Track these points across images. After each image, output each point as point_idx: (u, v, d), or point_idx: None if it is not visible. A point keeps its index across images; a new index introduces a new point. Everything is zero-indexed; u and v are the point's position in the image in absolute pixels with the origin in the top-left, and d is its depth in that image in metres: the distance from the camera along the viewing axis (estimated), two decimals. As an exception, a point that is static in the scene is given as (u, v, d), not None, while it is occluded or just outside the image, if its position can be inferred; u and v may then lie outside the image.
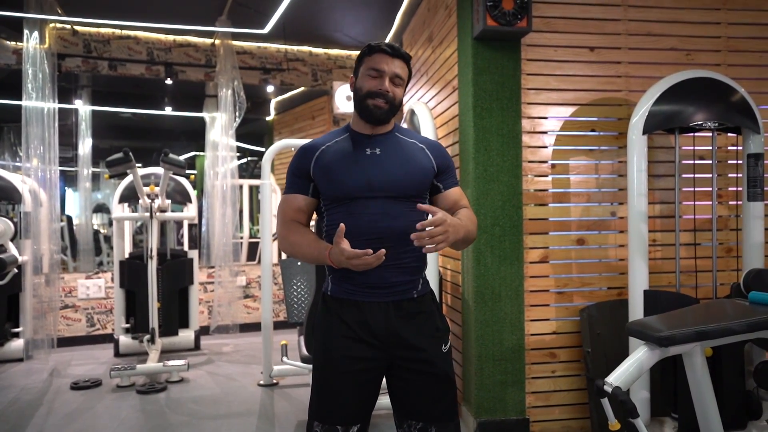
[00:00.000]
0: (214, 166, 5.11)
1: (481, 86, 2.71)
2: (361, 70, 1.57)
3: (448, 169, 1.64)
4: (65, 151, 5.19)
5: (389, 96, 1.52)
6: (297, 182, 1.59)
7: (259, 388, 3.58)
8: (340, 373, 1.51)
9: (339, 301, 1.55)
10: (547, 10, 2.79)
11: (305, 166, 1.57)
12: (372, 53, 1.55)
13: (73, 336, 4.79)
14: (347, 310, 1.53)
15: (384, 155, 1.55)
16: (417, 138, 1.65)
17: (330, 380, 1.53)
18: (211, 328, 5.04)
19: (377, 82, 1.52)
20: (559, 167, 2.82)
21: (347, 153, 1.56)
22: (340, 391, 1.51)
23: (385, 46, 1.54)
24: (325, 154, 1.57)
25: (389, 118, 1.57)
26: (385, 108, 1.53)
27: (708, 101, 2.48)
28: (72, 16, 4.69)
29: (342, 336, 1.52)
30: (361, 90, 1.55)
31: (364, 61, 1.57)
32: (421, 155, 1.59)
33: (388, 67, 1.52)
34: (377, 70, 1.53)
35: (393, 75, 1.53)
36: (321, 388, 1.55)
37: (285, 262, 3.49)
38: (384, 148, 1.56)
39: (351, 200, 1.51)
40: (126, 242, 4.73)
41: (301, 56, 5.53)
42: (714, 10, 2.90)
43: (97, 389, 3.55)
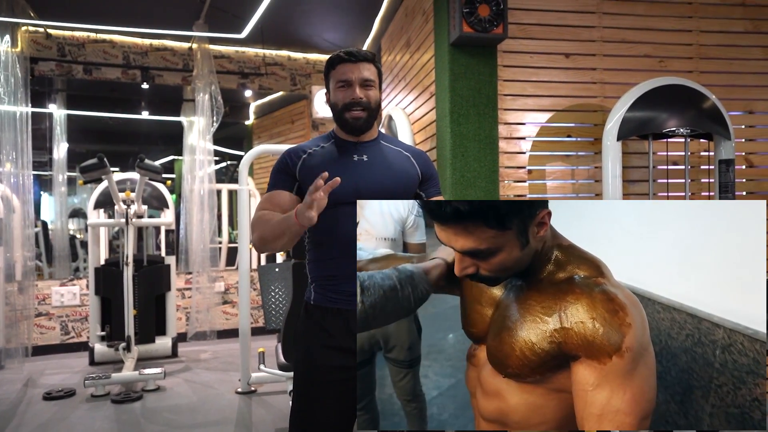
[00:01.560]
0: (192, 171, 5.06)
1: (458, 92, 2.72)
2: (331, 84, 1.57)
3: (431, 178, 1.64)
4: (40, 156, 5.09)
5: (364, 102, 1.52)
6: (282, 178, 1.56)
7: (236, 395, 3.54)
8: (322, 383, 1.50)
9: (322, 310, 1.53)
10: (522, 16, 2.82)
11: (292, 165, 1.55)
12: (335, 65, 1.54)
13: (47, 344, 4.69)
14: (330, 319, 1.51)
15: (371, 162, 1.55)
16: (402, 146, 1.65)
17: (311, 390, 1.51)
18: (188, 334, 4.97)
19: (348, 92, 1.52)
20: (536, 173, 2.84)
21: (334, 158, 1.55)
22: (321, 401, 1.50)
23: (344, 54, 1.53)
24: (312, 157, 1.56)
25: (370, 124, 1.56)
26: (364, 116, 1.53)
27: (680, 108, 2.52)
28: (45, 20, 4.60)
29: (324, 345, 1.51)
30: (336, 105, 1.55)
31: (331, 75, 1.56)
32: (406, 163, 1.60)
33: (353, 74, 1.51)
34: (344, 81, 1.52)
35: (361, 80, 1.52)
36: (303, 398, 1.53)
37: (263, 268, 3.46)
38: (371, 155, 1.56)
39: (336, 205, 1.50)
40: (102, 249, 4.65)
41: (279, 60, 5.50)
42: (686, 18, 2.95)
43: (70, 399, 3.48)
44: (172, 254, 4.81)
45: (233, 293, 5.27)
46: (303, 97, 5.72)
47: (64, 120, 5.27)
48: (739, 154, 2.98)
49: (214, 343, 4.95)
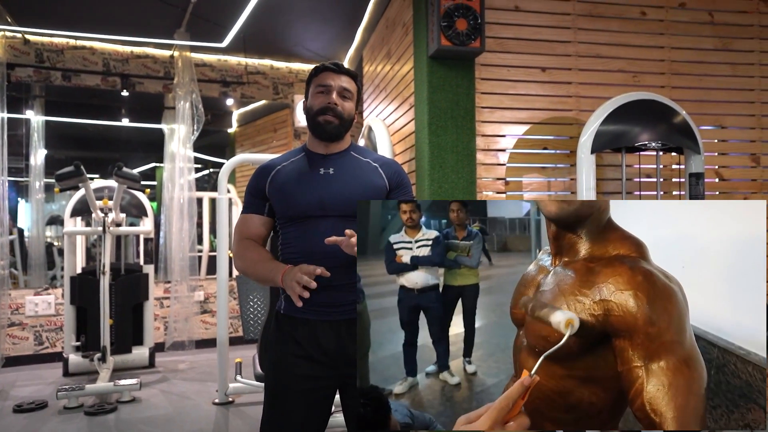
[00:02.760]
0: (172, 178, 5.02)
1: (436, 104, 2.75)
2: (310, 90, 1.61)
3: (399, 187, 1.64)
4: (17, 162, 5.01)
5: (338, 110, 1.54)
6: (254, 202, 1.62)
7: (213, 406, 3.50)
8: (292, 392, 1.50)
9: (291, 320, 1.54)
10: (500, 30, 2.86)
11: (261, 186, 1.60)
12: (318, 73, 1.60)
13: (20, 355, 4.60)
14: (299, 329, 1.53)
15: (337, 175, 1.56)
16: (372, 157, 1.66)
17: (281, 399, 1.52)
18: (166, 344, 4.91)
19: (325, 97, 1.56)
20: (513, 184, 2.88)
21: (301, 173, 1.57)
22: (291, 410, 1.50)
23: (330, 64, 1.59)
24: (279, 173, 1.59)
25: (341, 133, 1.58)
26: (336, 122, 1.55)
27: (652, 122, 2.57)
28: (24, 26, 4.56)
29: (293, 355, 1.52)
30: (312, 109, 1.58)
31: (312, 81, 1.61)
32: (373, 174, 1.60)
33: (334, 82, 1.56)
34: (324, 86, 1.56)
35: (340, 89, 1.56)
36: (272, 407, 1.54)
37: (242, 278, 3.44)
38: (337, 167, 1.58)
39: (304, 219, 1.53)
40: (78, 257, 4.58)
41: (261, 69, 5.51)
42: (658, 35, 3.02)
43: (42, 411, 3.41)
44: (150, 263, 4.76)
45: (212, 302, 5.22)
46: (285, 105, 5.72)
47: (42, 126, 5.21)
48: (711, 167, 3.06)
49: (193, 353, 4.90)
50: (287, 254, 1.56)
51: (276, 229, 1.63)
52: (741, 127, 3.12)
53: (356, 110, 1.63)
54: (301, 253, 1.49)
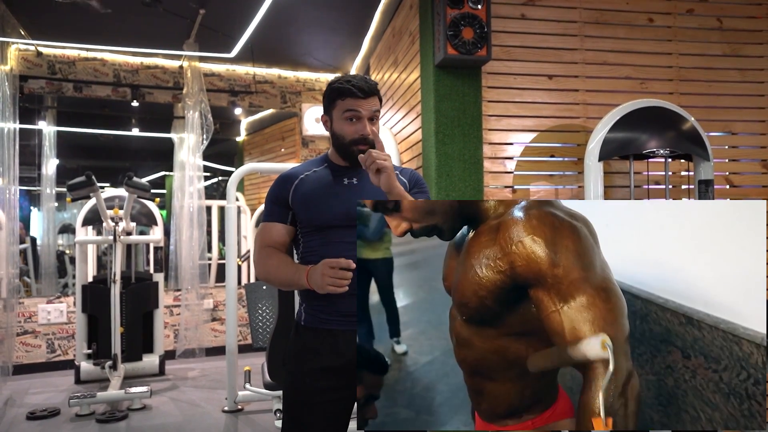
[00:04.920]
0: (182, 187, 5.06)
1: (443, 112, 2.76)
2: (335, 113, 1.55)
3: (417, 185, 1.65)
4: (30, 171, 5.08)
5: (370, 139, 1.51)
6: (276, 210, 1.60)
7: (223, 414, 3.51)
8: (311, 405, 1.50)
9: (312, 331, 1.54)
10: (506, 39, 2.87)
11: (284, 195, 1.58)
12: (343, 96, 1.51)
13: (32, 363, 4.64)
14: (321, 340, 1.52)
15: (361, 185, 1.57)
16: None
17: (301, 412, 1.52)
18: (176, 352, 4.94)
19: (358, 127, 1.51)
20: (520, 192, 2.87)
21: (326, 182, 1.57)
22: (311, 423, 1.50)
23: (355, 90, 1.50)
24: (303, 182, 1.58)
25: None
26: (366, 149, 1.54)
27: (660, 129, 2.57)
28: (36, 39, 4.63)
29: (313, 367, 1.51)
30: (343, 138, 1.54)
31: (337, 104, 1.53)
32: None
33: (363, 109, 1.51)
34: (353, 111, 1.51)
35: (371, 113, 1.52)
36: (292, 420, 1.54)
37: (250, 286, 3.46)
38: (361, 177, 1.57)
39: (329, 229, 1.52)
40: (89, 266, 4.63)
41: (269, 78, 5.55)
42: (666, 41, 3.01)
43: (54, 419, 3.44)
44: (160, 271, 4.80)
45: (222, 310, 5.25)
46: (293, 114, 5.76)
47: (54, 136, 5.27)
48: (721, 174, 3.04)
49: (203, 361, 4.92)
50: (309, 263, 1.56)
51: (297, 238, 1.62)
52: (751, 132, 3.10)
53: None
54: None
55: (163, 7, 3.91)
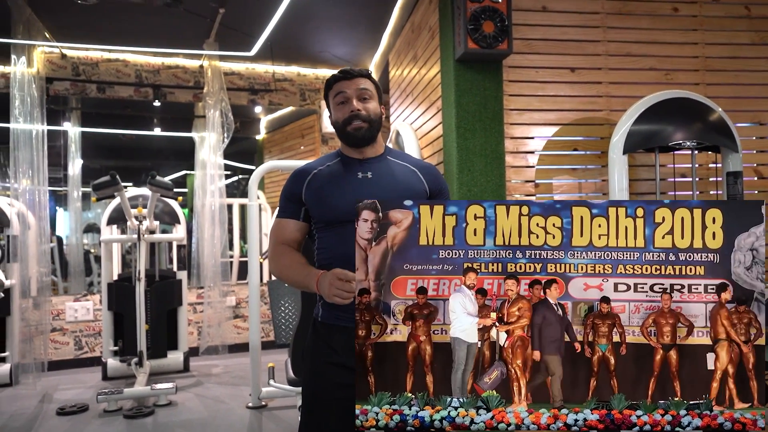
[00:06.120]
0: (203, 185, 5.11)
1: (464, 107, 2.74)
2: (331, 105, 1.60)
3: (440, 193, 1.62)
4: (55, 172, 5.18)
5: (362, 114, 1.52)
6: (289, 207, 1.60)
7: (247, 410, 3.55)
8: (328, 400, 1.51)
9: (329, 327, 1.55)
10: (527, 32, 2.84)
11: (297, 191, 1.58)
12: (332, 85, 1.58)
13: (61, 359, 4.74)
14: (337, 336, 1.53)
15: (375, 179, 1.55)
16: (410, 161, 1.65)
17: (318, 407, 1.53)
18: (200, 349, 5.00)
19: (346, 107, 1.54)
20: (543, 186, 2.85)
21: (339, 177, 1.56)
22: (327, 418, 1.51)
23: (339, 73, 1.57)
24: (316, 178, 1.57)
25: (373, 135, 1.56)
26: (365, 126, 1.53)
27: (686, 121, 2.52)
28: (61, 42, 4.71)
29: (330, 363, 1.52)
30: (338, 122, 1.56)
31: (329, 95, 1.59)
32: (413, 178, 1.59)
33: (349, 89, 1.54)
34: (342, 97, 1.55)
35: (357, 92, 1.54)
36: (309, 414, 1.55)
37: (273, 284, 3.48)
38: (375, 171, 1.56)
39: (342, 224, 1.51)
40: (114, 264, 4.71)
41: (289, 76, 5.57)
42: (691, 31, 2.95)
43: (83, 414, 3.51)
44: (183, 269, 4.86)
45: (244, 307, 5.30)
46: (312, 111, 5.78)
47: (78, 137, 5.37)
48: (749, 165, 2.97)
49: (226, 358, 4.97)
50: (323, 259, 1.56)
51: (312, 233, 1.62)
52: (780, 123, 3.03)
53: (381, 105, 1.61)
54: (337, 258, 1.47)
55: (184, 7, 3.95)
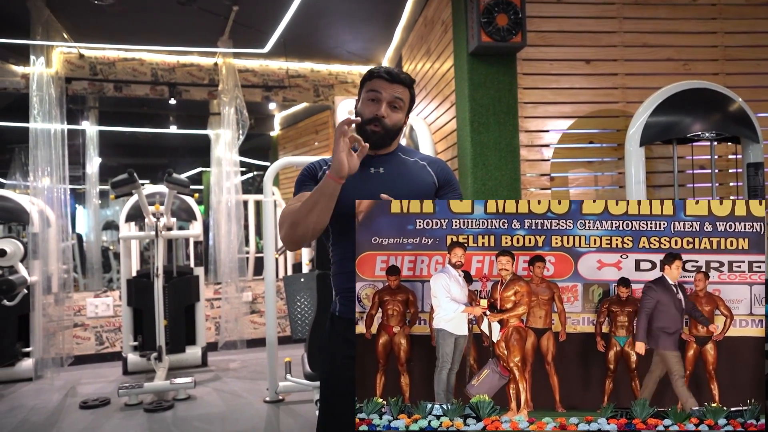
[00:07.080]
0: (219, 182, 5.16)
1: (478, 101, 2.73)
2: (362, 94, 1.59)
3: (448, 184, 1.64)
4: (74, 170, 5.26)
5: (384, 121, 1.53)
6: (307, 184, 1.60)
7: (265, 404, 3.59)
8: (345, 394, 1.52)
9: (346, 321, 1.55)
10: (541, 24, 2.81)
11: (314, 174, 1.60)
12: (372, 78, 1.56)
13: (83, 354, 4.83)
14: (353, 330, 1.54)
15: (387, 174, 1.57)
16: (418, 156, 1.67)
17: (335, 401, 1.54)
18: (218, 344, 5.06)
19: (375, 107, 1.54)
20: (559, 180, 2.82)
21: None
22: (344, 412, 1.52)
23: (384, 72, 1.55)
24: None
25: (385, 143, 1.58)
26: (380, 133, 1.54)
27: (705, 112, 2.48)
28: (78, 42, 4.78)
29: (346, 356, 1.53)
30: (362, 116, 1.57)
31: (365, 85, 1.58)
32: (422, 172, 1.61)
33: (385, 92, 1.53)
34: (375, 92, 1.54)
35: (391, 99, 1.54)
36: (327, 408, 1.57)
37: (288, 279, 3.51)
38: (387, 167, 1.59)
39: (352, 218, 1.52)
40: (133, 260, 4.77)
41: (302, 73, 5.59)
42: (710, 20, 2.90)
43: (105, 408, 3.58)
44: (200, 265, 4.92)
45: (261, 303, 5.34)
46: (326, 108, 5.79)
47: (96, 136, 5.45)
48: (770, 156, 2.92)
49: (243, 353, 5.03)
50: (338, 253, 1.57)
51: (327, 230, 1.63)
52: (802, 112, 2.96)
53: (406, 117, 1.61)
54: (353, 252, 1.48)
55: (198, 6, 3.98)
